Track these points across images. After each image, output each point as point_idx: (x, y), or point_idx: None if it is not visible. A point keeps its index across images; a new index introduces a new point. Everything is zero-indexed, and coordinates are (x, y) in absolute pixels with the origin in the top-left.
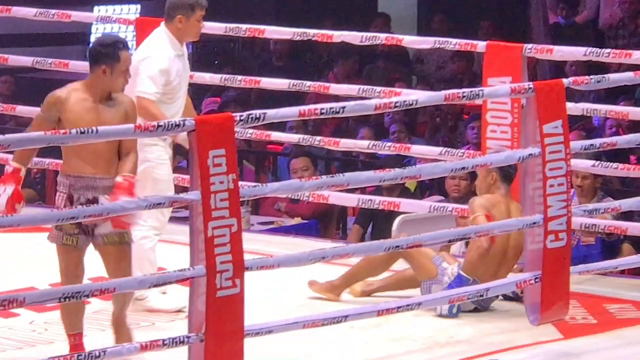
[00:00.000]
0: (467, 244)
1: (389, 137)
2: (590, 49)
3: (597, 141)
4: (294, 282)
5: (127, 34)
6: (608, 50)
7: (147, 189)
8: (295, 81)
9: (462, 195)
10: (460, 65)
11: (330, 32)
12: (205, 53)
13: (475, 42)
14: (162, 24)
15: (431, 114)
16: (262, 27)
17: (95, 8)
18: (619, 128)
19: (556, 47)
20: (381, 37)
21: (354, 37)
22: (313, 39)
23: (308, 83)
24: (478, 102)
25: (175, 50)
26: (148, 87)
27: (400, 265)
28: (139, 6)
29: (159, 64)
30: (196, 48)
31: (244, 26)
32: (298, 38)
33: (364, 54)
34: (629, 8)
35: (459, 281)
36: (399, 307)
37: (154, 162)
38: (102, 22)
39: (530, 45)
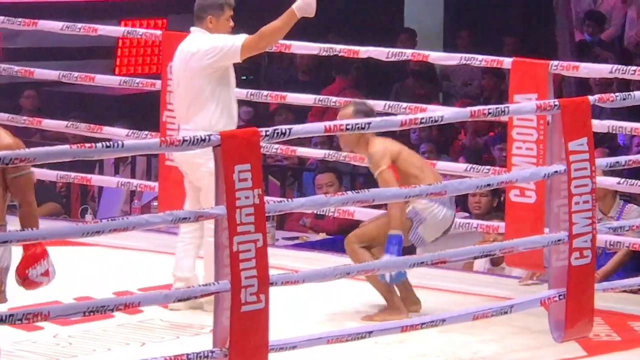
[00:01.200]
0: (492, 261)
1: None
2: (616, 66)
3: (622, 158)
4: (318, 298)
5: (153, 52)
6: (634, 67)
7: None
8: (321, 97)
9: (483, 212)
10: (489, 82)
11: (356, 48)
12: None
13: (501, 58)
14: (193, 28)
15: (457, 131)
16: (288, 42)
17: (122, 22)
18: None
19: (582, 64)
20: (407, 53)
21: (380, 52)
22: (339, 54)
23: (334, 99)
24: (504, 119)
25: None
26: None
27: None
28: (165, 20)
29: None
30: None
31: None
32: (324, 53)
33: (385, 70)
34: None
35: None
36: (422, 324)
37: None
38: (128, 36)
39: (556, 62)
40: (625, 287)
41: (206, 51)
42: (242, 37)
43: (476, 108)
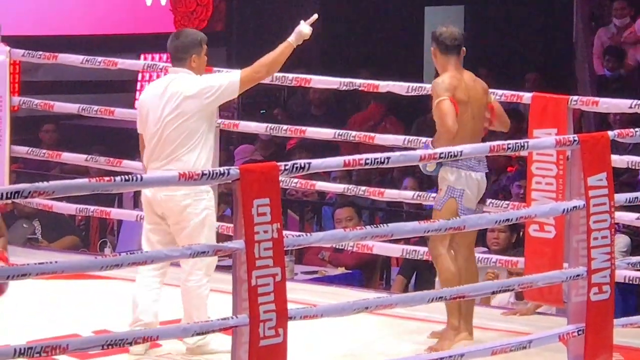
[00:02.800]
0: (516, 295)
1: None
2: (635, 101)
3: None
4: (337, 332)
5: None
6: None
7: (203, 236)
8: (341, 131)
9: (502, 248)
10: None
11: (376, 82)
12: (251, 101)
13: (521, 93)
14: (174, 69)
15: None
16: (309, 76)
17: (142, 56)
18: None
19: (602, 99)
20: (427, 88)
21: (400, 87)
22: (359, 89)
23: (353, 133)
24: (523, 154)
25: None
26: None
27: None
28: None
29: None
30: (242, 97)
31: (290, 75)
32: (344, 88)
33: (405, 105)
34: None
35: None
36: (441, 358)
37: (212, 210)
38: (149, 70)
39: (576, 97)
40: None
41: (203, 91)
42: (237, 72)
43: (495, 143)
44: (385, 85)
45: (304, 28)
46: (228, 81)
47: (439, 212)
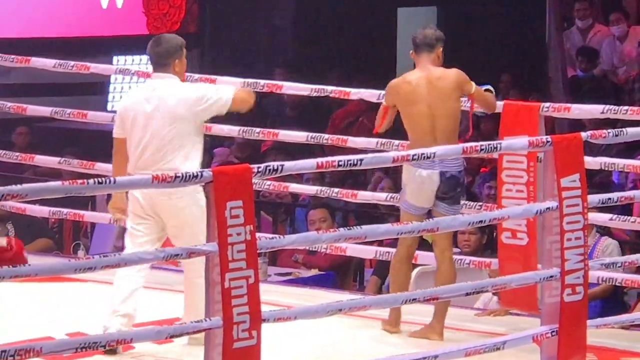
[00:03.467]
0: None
1: None
2: (607, 106)
3: (614, 195)
4: (311, 334)
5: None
6: (626, 107)
7: (203, 235)
8: (314, 134)
9: (473, 250)
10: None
11: (347, 90)
12: None
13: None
14: (159, 75)
15: None
16: (280, 82)
17: (114, 58)
18: (639, 182)
19: (574, 105)
20: None
21: (371, 94)
22: (330, 95)
23: (326, 136)
24: (495, 155)
25: None
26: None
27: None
28: None
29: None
30: None
31: (262, 81)
32: (315, 94)
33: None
34: None
35: None
36: None
37: (205, 208)
38: (121, 74)
39: (547, 104)
40: (617, 323)
41: (198, 99)
42: (231, 89)
43: (468, 144)
44: (356, 93)
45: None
46: (222, 96)
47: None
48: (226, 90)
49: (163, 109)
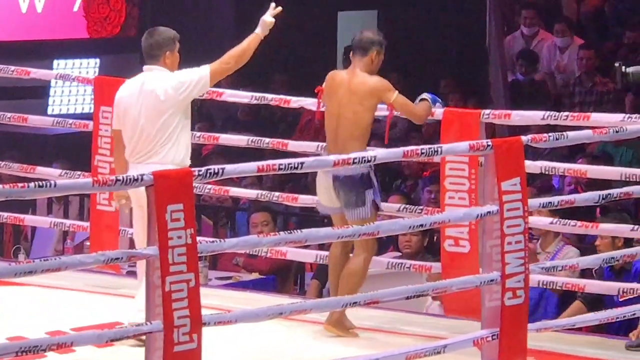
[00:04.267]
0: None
1: None
2: (548, 112)
3: (555, 199)
4: (251, 338)
5: (86, 91)
6: (566, 113)
7: None
8: (254, 137)
9: (414, 252)
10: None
11: (288, 97)
12: None
13: (433, 109)
14: (148, 67)
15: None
16: (220, 89)
17: (55, 62)
18: (577, 186)
19: (514, 112)
20: None
21: (312, 103)
22: (270, 103)
23: (267, 140)
24: (436, 159)
25: None
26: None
27: None
28: (98, 60)
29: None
30: None
31: None
32: (255, 102)
33: None
34: (585, 65)
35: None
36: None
37: None
38: (61, 79)
39: (487, 111)
40: (557, 327)
41: (176, 88)
42: (206, 67)
43: (409, 148)
44: (297, 101)
45: (267, 18)
46: (198, 76)
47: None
48: (202, 70)
49: (149, 102)
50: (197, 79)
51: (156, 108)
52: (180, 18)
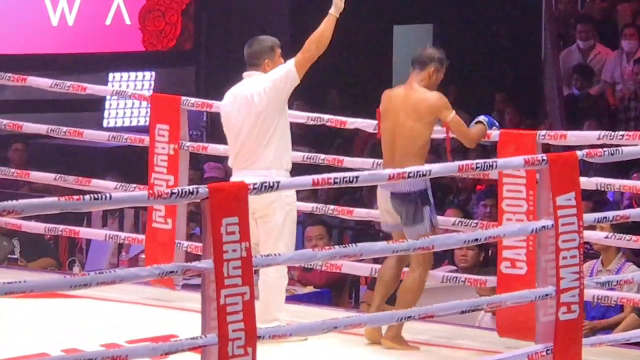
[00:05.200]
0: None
1: None
2: (603, 132)
3: (609, 214)
4: (306, 352)
5: (142, 104)
6: (622, 133)
7: (287, 229)
8: (309, 154)
9: (470, 266)
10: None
11: (344, 119)
12: (220, 121)
13: (489, 131)
14: (248, 73)
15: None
16: None
17: (110, 74)
18: (633, 201)
19: (570, 132)
20: None
21: (367, 124)
22: (327, 124)
23: (322, 156)
24: (493, 175)
25: None
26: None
27: None
28: (153, 73)
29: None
30: (210, 115)
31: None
32: (312, 122)
33: None
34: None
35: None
36: None
37: (293, 206)
38: (117, 96)
39: (543, 132)
40: (613, 342)
41: (268, 88)
42: (290, 61)
43: (464, 162)
44: (353, 122)
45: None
46: (285, 71)
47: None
48: (287, 65)
49: (247, 108)
50: (284, 75)
51: (253, 112)
52: (234, 31)
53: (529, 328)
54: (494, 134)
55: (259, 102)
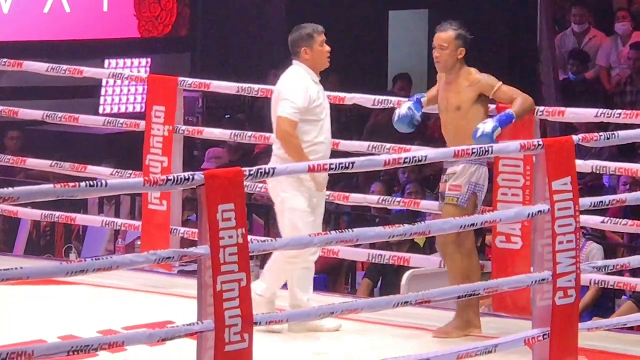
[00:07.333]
0: None
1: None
2: (601, 110)
3: (606, 198)
4: (303, 337)
5: (137, 90)
6: (619, 111)
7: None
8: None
9: None
10: None
11: (342, 94)
12: (215, 105)
13: (491, 105)
14: (293, 62)
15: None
16: (270, 87)
17: (106, 61)
18: (631, 185)
19: (568, 109)
20: (392, 101)
21: (366, 100)
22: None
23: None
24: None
25: (312, 77)
26: (287, 108)
27: None
28: (149, 60)
29: (297, 86)
30: (206, 100)
31: (256, 86)
32: None
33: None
34: (635, 65)
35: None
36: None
37: (290, 194)
38: (114, 78)
39: (541, 108)
40: (609, 326)
41: (275, 100)
42: (285, 111)
43: (460, 148)
44: (351, 98)
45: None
46: (279, 112)
47: (464, 209)
48: (282, 109)
49: (274, 97)
50: (278, 112)
51: (275, 104)
52: (230, 17)
53: (523, 305)
54: (492, 107)
55: (275, 102)
